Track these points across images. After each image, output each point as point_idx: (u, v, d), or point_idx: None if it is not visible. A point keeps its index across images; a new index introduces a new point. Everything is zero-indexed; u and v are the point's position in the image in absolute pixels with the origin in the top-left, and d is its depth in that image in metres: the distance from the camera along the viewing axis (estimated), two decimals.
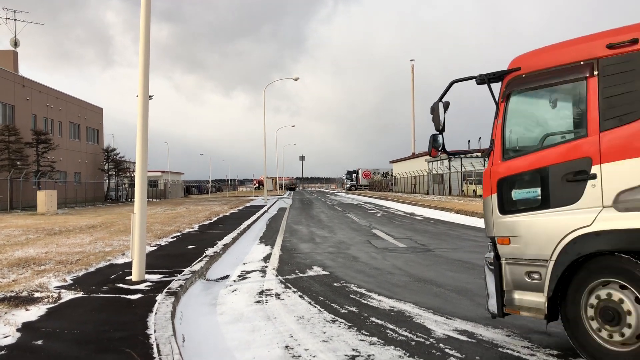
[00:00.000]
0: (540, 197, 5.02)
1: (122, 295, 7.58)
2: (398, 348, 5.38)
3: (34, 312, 6.60)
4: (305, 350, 5.43)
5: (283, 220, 24.18)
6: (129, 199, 58.34)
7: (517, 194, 5.23)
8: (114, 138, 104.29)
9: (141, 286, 8.18)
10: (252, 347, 5.61)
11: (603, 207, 4.55)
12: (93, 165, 53.09)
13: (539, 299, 5.01)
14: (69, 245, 13.79)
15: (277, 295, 8.07)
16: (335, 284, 8.79)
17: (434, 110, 5.65)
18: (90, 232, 17.82)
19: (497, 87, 5.53)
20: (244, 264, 11.35)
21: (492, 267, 5.40)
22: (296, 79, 49.39)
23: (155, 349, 5.07)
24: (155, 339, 5.38)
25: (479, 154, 5.75)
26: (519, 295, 5.23)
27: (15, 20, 45.23)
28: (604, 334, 4.58)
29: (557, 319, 4.99)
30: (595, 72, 4.67)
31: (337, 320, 6.54)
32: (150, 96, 8.98)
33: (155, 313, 6.46)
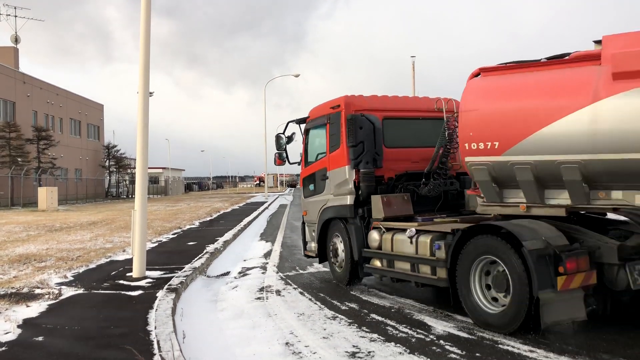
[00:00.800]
0: (314, 188, 8.98)
1: (122, 292, 7.58)
2: (398, 345, 5.39)
3: (34, 309, 6.60)
4: (306, 346, 5.43)
5: (284, 216, 24.18)
6: (130, 196, 58.31)
7: (308, 186, 9.20)
8: (114, 134, 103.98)
9: (142, 282, 8.18)
10: (253, 343, 5.61)
11: (331, 194, 8.39)
12: (94, 162, 53.08)
13: (315, 245, 9.04)
14: (70, 241, 13.81)
15: (278, 292, 8.07)
16: (335, 281, 8.78)
17: (276, 139, 9.64)
18: (90, 228, 17.84)
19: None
20: (244, 260, 11.35)
21: (301, 229, 9.75)
22: (297, 76, 49.29)
23: (155, 345, 5.07)
24: (156, 335, 5.39)
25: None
26: (311, 244, 9.30)
27: (15, 16, 45.14)
28: (335, 263, 8.51)
29: (326, 260, 8.82)
30: (328, 121, 8.43)
31: (337, 316, 6.54)
32: (150, 93, 8.96)
33: (156, 309, 6.46)
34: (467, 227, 6.00)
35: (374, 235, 7.46)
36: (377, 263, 7.45)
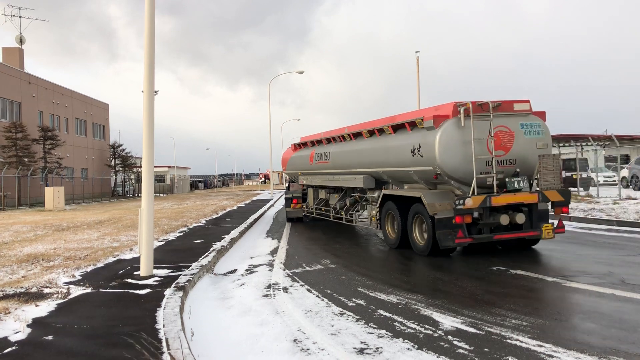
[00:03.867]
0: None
1: (130, 291, 7.61)
2: (407, 340, 5.38)
3: (43, 308, 6.64)
4: (314, 343, 5.44)
5: None
6: (136, 194, 58.56)
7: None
8: (120, 134, 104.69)
9: (149, 281, 8.21)
10: (261, 340, 5.62)
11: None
12: (100, 161, 53.31)
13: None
14: (77, 241, 13.87)
15: (285, 289, 8.08)
16: (342, 277, 8.79)
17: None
18: (97, 227, 17.92)
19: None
20: (251, 257, 11.37)
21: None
22: (301, 73, 49.05)
23: (164, 344, 5.10)
24: (164, 334, 5.41)
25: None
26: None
27: (20, 17, 45.35)
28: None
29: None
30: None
31: (345, 313, 6.55)
32: (155, 91, 8.97)
33: (164, 308, 6.49)
34: (286, 189, 20.61)
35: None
36: None
